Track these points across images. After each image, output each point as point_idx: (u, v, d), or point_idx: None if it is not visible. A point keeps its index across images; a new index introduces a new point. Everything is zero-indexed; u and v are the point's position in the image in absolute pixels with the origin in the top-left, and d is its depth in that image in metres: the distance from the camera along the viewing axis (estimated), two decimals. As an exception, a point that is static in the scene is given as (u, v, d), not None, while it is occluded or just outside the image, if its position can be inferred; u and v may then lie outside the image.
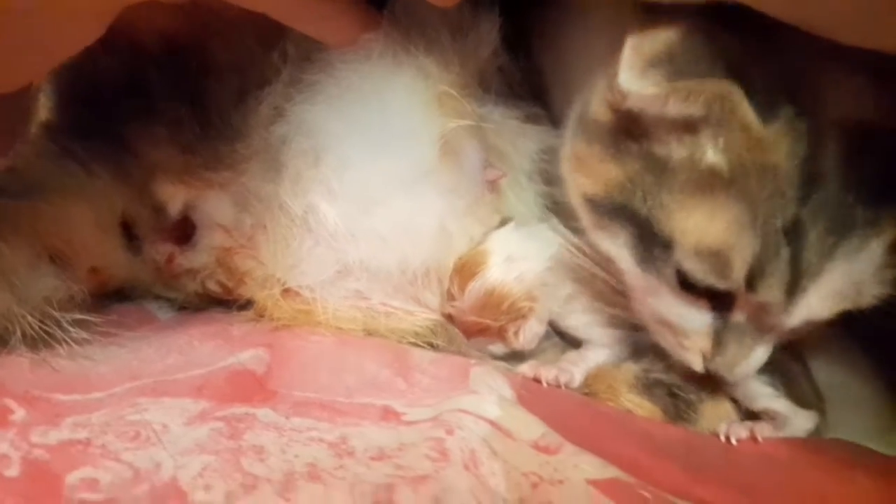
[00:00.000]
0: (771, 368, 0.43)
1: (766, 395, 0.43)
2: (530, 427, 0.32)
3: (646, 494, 0.28)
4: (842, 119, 0.33)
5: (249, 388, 0.34)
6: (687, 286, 0.37)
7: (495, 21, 0.48)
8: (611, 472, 0.30)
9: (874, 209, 0.34)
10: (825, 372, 0.48)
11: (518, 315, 0.46)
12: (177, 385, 0.33)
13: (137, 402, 0.32)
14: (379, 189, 0.45)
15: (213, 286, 0.45)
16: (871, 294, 0.36)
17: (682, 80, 0.33)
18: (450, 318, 0.48)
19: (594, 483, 0.29)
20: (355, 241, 0.45)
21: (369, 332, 0.45)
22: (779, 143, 0.33)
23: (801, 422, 0.42)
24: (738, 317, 0.38)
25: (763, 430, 0.41)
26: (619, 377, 0.43)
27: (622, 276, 0.41)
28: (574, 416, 0.37)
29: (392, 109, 0.46)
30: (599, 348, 0.47)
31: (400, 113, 0.46)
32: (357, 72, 0.45)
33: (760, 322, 0.37)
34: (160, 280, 0.45)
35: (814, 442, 0.41)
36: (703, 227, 0.35)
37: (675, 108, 0.34)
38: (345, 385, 0.35)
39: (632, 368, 0.44)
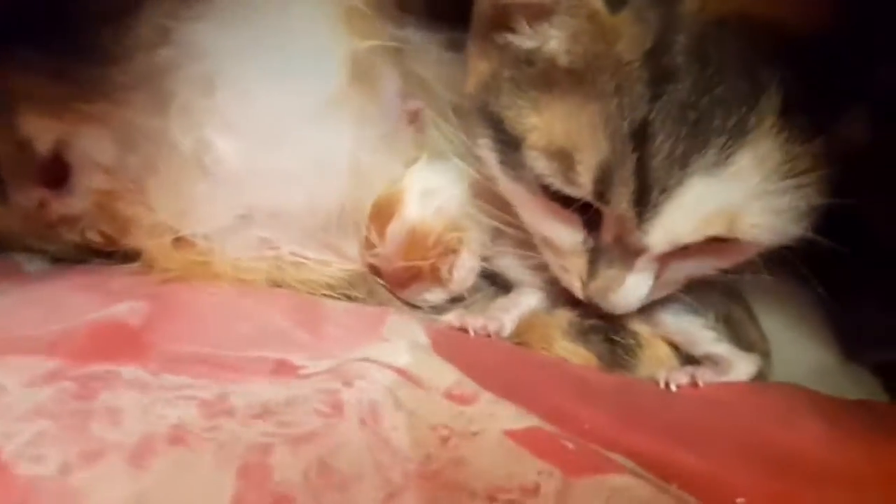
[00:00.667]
0: (713, 311, 0.41)
1: (707, 339, 0.40)
2: (443, 374, 0.28)
3: (568, 445, 0.25)
4: (698, 8, 0.30)
5: (117, 343, 0.29)
6: (551, 195, 0.34)
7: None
8: (531, 420, 0.26)
9: (735, 114, 0.30)
10: (768, 313, 0.45)
11: (447, 249, 0.42)
12: (28, 342, 0.28)
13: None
14: (282, 120, 0.40)
15: (93, 236, 0.40)
16: (749, 223, 0.31)
17: None
18: (375, 270, 0.44)
19: (511, 434, 0.25)
20: (257, 181, 0.40)
21: (277, 285, 0.40)
22: (625, 33, 0.30)
23: (743, 366, 0.40)
24: (607, 236, 0.34)
25: (704, 375, 0.38)
26: (552, 324, 0.40)
27: (498, 187, 0.38)
28: (499, 364, 0.34)
29: (294, 27, 0.41)
30: (531, 292, 0.43)
31: (303, 31, 0.41)
32: None
33: (624, 244, 0.33)
34: (32, 230, 0.39)
35: (756, 386, 0.38)
36: (549, 125, 0.32)
37: None
38: (237, 337, 0.31)
39: (566, 315, 0.40)
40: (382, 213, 0.43)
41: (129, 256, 0.39)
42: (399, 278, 0.43)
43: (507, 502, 0.22)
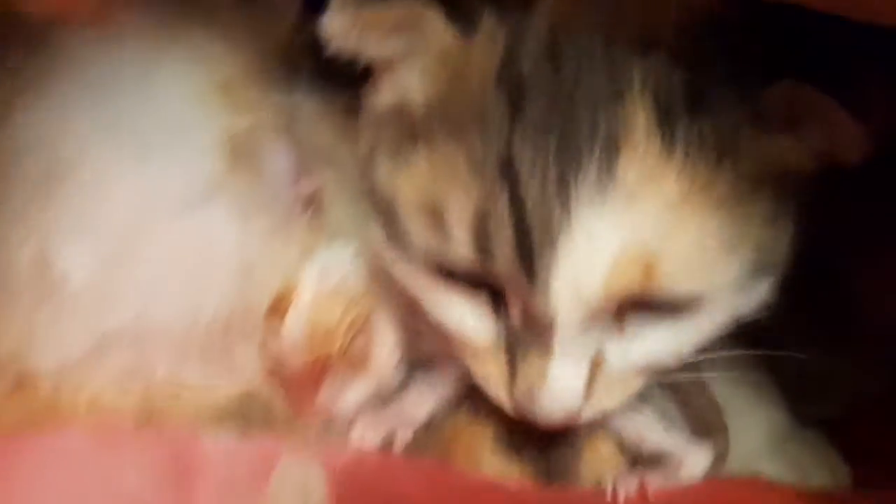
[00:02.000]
0: (657, 388, 0.35)
1: (656, 432, 0.36)
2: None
3: None
4: (555, 18, 0.26)
5: None
6: (447, 272, 0.29)
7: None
8: None
9: (602, 120, 0.25)
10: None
11: (355, 327, 0.36)
12: None
13: None
14: (144, 219, 0.34)
15: None
16: (670, 269, 0.26)
17: (369, 8, 0.27)
18: (283, 382, 0.37)
19: None
20: (117, 297, 0.33)
21: (149, 418, 0.33)
22: (477, 58, 0.27)
23: (696, 461, 0.35)
24: (515, 318, 0.28)
25: (654, 480, 0.34)
26: (478, 434, 0.34)
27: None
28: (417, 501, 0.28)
29: (156, 105, 0.35)
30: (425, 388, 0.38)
31: (168, 109, 0.35)
32: (105, 57, 0.34)
33: (531, 320, 0.27)
34: None
35: (711, 489, 0.34)
36: (417, 178, 0.28)
37: (362, 44, 0.28)
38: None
39: (491, 424, 0.35)
40: (277, 307, 0.37)
41: None
42: (309, 379, 0.37)
43: None
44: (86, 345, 0.33)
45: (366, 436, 0.34)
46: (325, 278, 0.37)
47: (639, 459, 0.36)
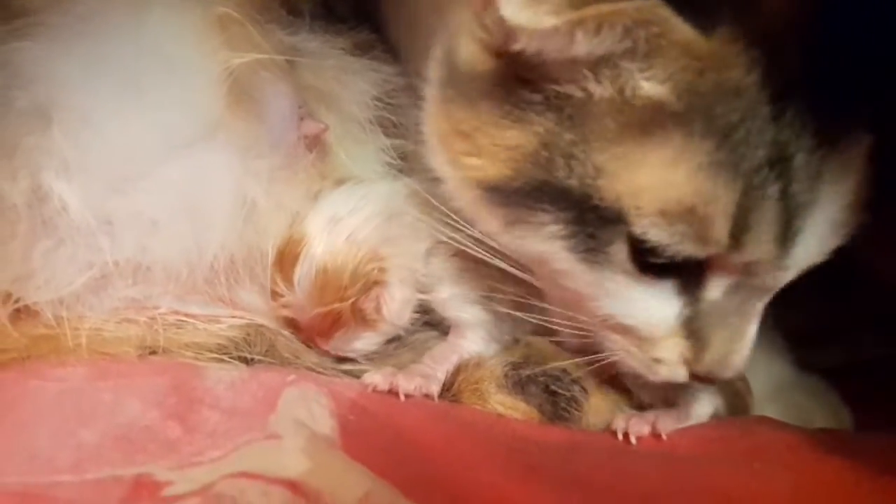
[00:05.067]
0: None
1: None
2: (349, 484, 0.22)
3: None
4: (788, 12, 0.26)
5: None
6: (647, 267, 0.28)
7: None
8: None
9: (852, 112, 0.27)
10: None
11: (368, 283, 0.36)
12: None
13: None
14: (139, 155, 0.33)
15: None
16: (854, 222, 0.29)
17: (589, 4, 0.24)
18: (292, 324, 0.37)
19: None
20: (113, 232, 0.33)
21: (151, 352, 0.33)
22: (727, 56, 0.25)
23: (702, 407, 0.35)
24: (714, 292, 0.29)
25: (666, 424, 0.33)
26: (485, 376, 0.34)
27: (554, 281, 0.31)
28: (424, 438, 0.28)
29: (152, 42, 0.34)
30: (474, 335, 0.37)
31: (164, 46, 0.34)
32: None
33: (747, 290, 0.29)
34: None
35: (719, 431, 0.34)
36: (663, 181, 0.26)
37: (585, 44, 0.25)
38: (77, 451, 0.24)
39: (499, 364, 0.35)
40: (286, 256, 0.37)
41: None
42: (319, 328, 0.37)
43: None
44: (85, 276, 0.32)
45: (377, 381, 0.33)
46: (336, 228, 0.37)
47: (641, 406, 0.36)
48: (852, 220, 0.29)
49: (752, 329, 0.30)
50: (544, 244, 0.29)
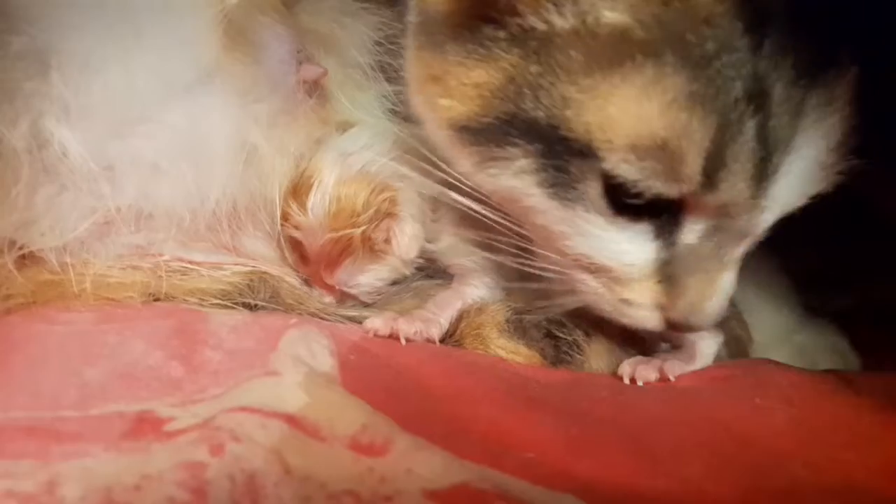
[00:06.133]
0: None
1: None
2: (347, 417, 0.22)
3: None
4: None
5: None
6: (621, 206, 0.27)
7: None
8: (458, 472, 0.20)
9: (835, 43, 0.26)
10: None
11: (380, 213, 0.36)
12: None
13: None
14: (138, 100, 0.33)
15: None
16: (839, 167, 0.28)
17: None
18: (299, 248, 0.37)
19: (433, 495, 0.20)
20: (114, 178, 0.33)
21: (155, 298, 0.33)
22: None
23: (707, 347, 0.35)
24: (691, 235, 0.28)
25: (673, 368, 0.33)
26: (487, 322, 0.34)
27: (526, 220, 0.30)
28: (423, 376, 0.28)
29: None
30: (474, 281, 0.37)
31: None
32: None
33: (724, 234, 0.28)
34: None
35: (722, 368, 0.34)
36: (634, 114, 0.26)
37: None
38: (81, 388, 0.24)
39: (501, 309, 0.35)
40: (300, 186, 0.37)
41: None
42: (328, 256, 0.37)
43: None
44: (88, 222, 0.32)
45: (377, 326, 0.33)
46: (349, 160, 0.37)
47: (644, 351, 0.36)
48: (838, 161, 0.28)
49: (729, 276, 0.29)
50: (515, 180, 0.28)
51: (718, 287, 0.29)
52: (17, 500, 0.19)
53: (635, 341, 0.35)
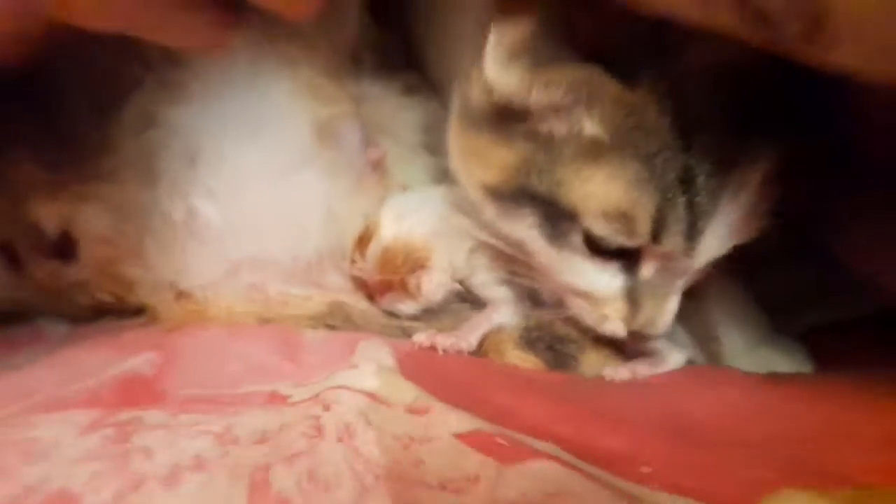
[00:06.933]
0: None
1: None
2: (404, 393, 0.34)
3: (501, 441, 0.31)
4: (701, 67, 0.36)
5: (139, 392, 0.35)
6: (597, 250, 0.39)
7: (362, 7, 0.50)
8: (474, 423, 0.32)
9: (751, 145, 0.37)
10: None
11: (416, 265, 0.48)
12: (67, 399, 0.35)
13: (30, 419, 0.34)
14: (256, 181, 0.46)
15: (103, 297, 0.46)
16: (754, 227, 0.39)
17: (543, 69, 0.36)
18: (361, 282, 0.50)
19: (459, 436, 0.31)
20: (240, 237, 0.46)
21: (266, 321, 0.47)
22: (648, 104, 0.35)
23: (674, 358, 0.46)
24: (647, 272, 0.40)
25: (641, 370, 0.44)
26: (504, 338, 0.46)
27: (532, 257, 0.42)
28: (456, 375, 0.40)
29: (262, 102, 0.47)
30: (503, 309, 0.48)
31: (270, 104, 0.47)
32: (223, 68, 0.46)
33: (668, 272, 0.40)
34: (48, 297, 0.46)
35: (692, 369, 0.45)
36: (604, 192, 0.37)
37: (540, 97, 0.36)
38: (232, 376, 0.37)
39: (516, 328, 0.46)
40: (364, 237, 0.49)
41: (136, 311, 0.46)
42: (377, 289, 0.49)
43: (454, 490, 0.29)
44: (221, 269, 0.46)
45: (422, 339, 0.45)
46: (402, 221, 0.49)
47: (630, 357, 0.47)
48: (750, 226, 0.38)
49: (674, 300, 0.40)
50: (525, 231, 0.40)
51: (666, 307, 0.40)
52: (212, 436, 0.32)
53: (618, 353, 0.47)
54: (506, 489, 0.29)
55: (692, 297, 0.50)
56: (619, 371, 0.44)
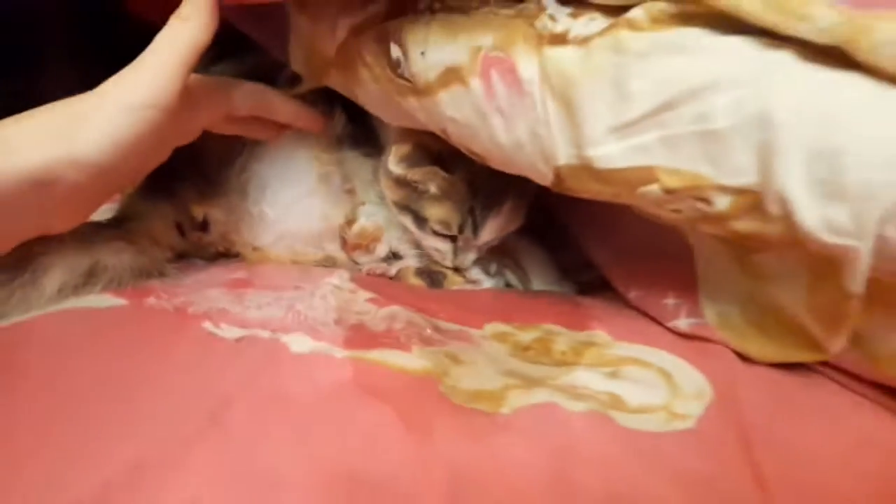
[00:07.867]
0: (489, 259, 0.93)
1: (475, 272, 0.98)
2: (359, 292, 0.86)
3: (394, 306, 0.82)
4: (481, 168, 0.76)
5: (241, 285, 0.87)
6: (443, 236, 0.85)
7: (342, 113, 0.92)
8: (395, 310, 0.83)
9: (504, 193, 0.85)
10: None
11: (372, 239, 0.88)
12: (220, 282, 0.86)
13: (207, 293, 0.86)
14: (291, 200, 0.90)
15: (220, 249, 0.87)
16: (513, 226, 0.92)
17: (413, 168, 0.79)
18: (344, 244, 0.88)
19: (374, 301, 0.83)
20: (282, 225, 0.94)
21: (295, 262, 0.97)
22: (458, 182, 0.78)
23: (489, 284, 0.98)
24: (461, 243, 0.88)
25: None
26: (409, 271, 0.89)
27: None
28: (388, 287, 0.89)
29: (294, 162, 0.86)
30: (410, 257, 1.00)
31: (297, 164, 0.85)
32: (278, 146, 0.83)
33: (468, 244, 0.91)
34: (196, 249, 0.96)
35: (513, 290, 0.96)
36: (441, 212, 0.84)
37: (413, 177, 0.77)
38: (278, 281, 0.89)
39: (412, 265, 0.96)
40: (348, 223, 0.87)
41: (235, 256, 0.88)
42: (352, 249, 0.86)
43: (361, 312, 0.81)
44: (273, 238, 0.90)
45: (368, 270, 0.98)
46: (367, 219, 0.89)
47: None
48: (511, 225, 0.86)
49: (471, 255, 0.86)
50: (418, 233, 0.91)
51: (468, 256, 0.92)
52: (281, 303, 0.84)
53: (463, 277, 1.01)
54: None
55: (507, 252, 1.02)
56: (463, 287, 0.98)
